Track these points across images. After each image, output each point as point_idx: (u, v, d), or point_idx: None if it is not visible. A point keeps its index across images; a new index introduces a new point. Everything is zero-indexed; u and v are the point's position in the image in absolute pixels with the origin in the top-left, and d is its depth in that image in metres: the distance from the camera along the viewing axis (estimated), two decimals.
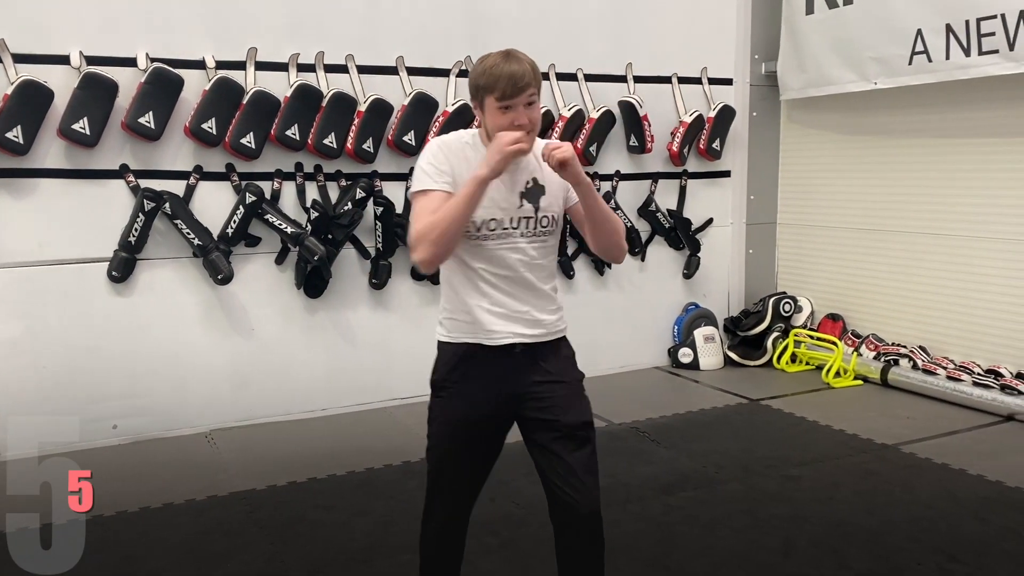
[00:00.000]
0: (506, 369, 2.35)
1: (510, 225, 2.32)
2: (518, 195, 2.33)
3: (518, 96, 2.21)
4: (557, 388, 2.37)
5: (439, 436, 2.43)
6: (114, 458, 4.36)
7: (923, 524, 3.43)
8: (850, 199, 5.87)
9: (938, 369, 5.15)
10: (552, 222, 2.37)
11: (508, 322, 2.34)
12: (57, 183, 4.35)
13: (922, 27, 4.94)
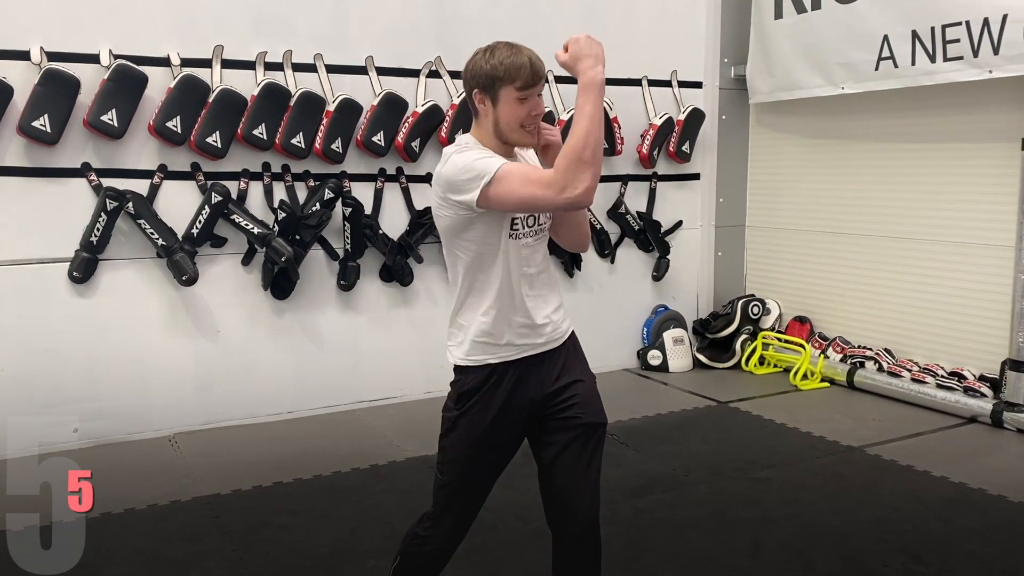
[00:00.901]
0: (532, 375, 2.28)
1: (524, 225, 2.26)
2: None
3: (537, 85, 2.20)
4: (580, 387, 2.32)
5: (460, 456, 2.31)
6: (74, 462, 4.26)
7: (889, 525, 3.46)
8: (818, 202, 5.92)
9: (903, 371, 5.21)
10: (548, 218, 2.32)
11: (534, 324, 2.27)
12: (16, 181, 4.25)
13: (888, 33, 5.00)
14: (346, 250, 4.95)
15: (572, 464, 2.30)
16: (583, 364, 2.38)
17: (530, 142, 2.25)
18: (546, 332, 2.30)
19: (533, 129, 2.23)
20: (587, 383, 2.35)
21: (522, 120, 2.21)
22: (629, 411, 5.01)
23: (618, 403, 5.19)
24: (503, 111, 2.21)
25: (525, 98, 2.20)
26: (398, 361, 5.20)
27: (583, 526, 2.32)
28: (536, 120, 2.22)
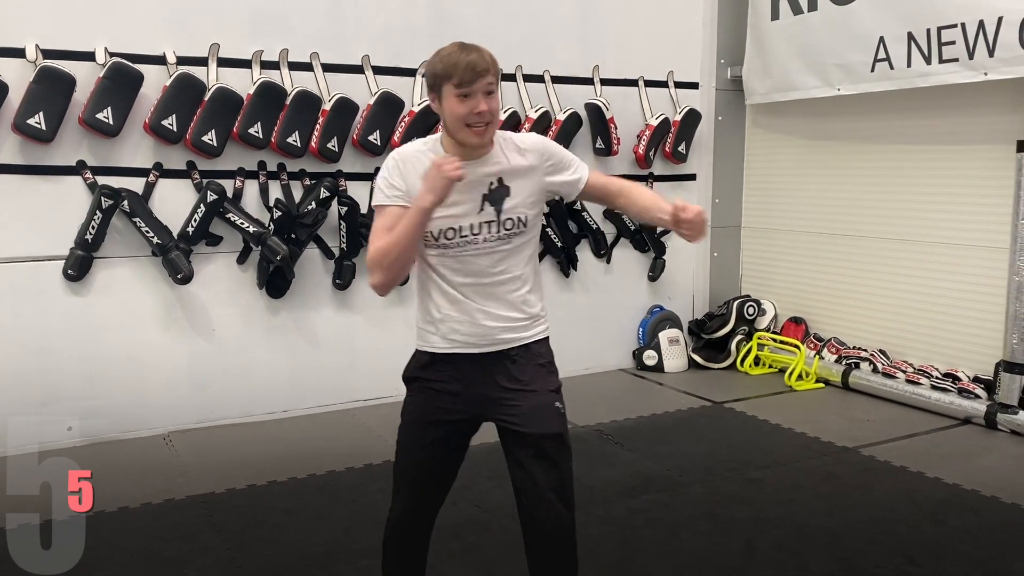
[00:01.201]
0: (473, 374, 2.31)
1: (470, 232, 2.26)
2: (480, 197, 2.25)
3: (477, 82, 2.16)
4: (527, 397, 2.31)
5: (402, 433, 2.41)
6: (71, 457, 4.26)
7: (882, 526, 3.47)
8: (813, 203, 5.93)
9: (898, 373, 5.22)
10: (518, 224, 2.28)
11: (474, 329, 2.30)
12: (11, 179, 4.24)
13: (884, 35, 5.01)
14: (342, 249, 4.95)
15: (523, 476, 2.31)
16: (541, 372, 2.36)
17: (475, 141, 2.21)
18: (491, 335, 2.30)
19: (480, 128, 2.19)
20: (537, 393, 2.32)
21: (464, 118, 2.18)
22: (624, 411, 5.01)
23: (613, 403, 5.21)
24: (447, 109, 2.22)
25: (466, 95, 2.17)
26: (393, 360, 5.08)
27: (546, 535, 2.33)
28: (481, 118, 2.18)
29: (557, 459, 2.33)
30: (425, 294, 2.36)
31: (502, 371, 2.32)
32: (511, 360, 2.32)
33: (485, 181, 2.26)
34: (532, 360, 2.35)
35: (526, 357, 2.34)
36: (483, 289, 2.29)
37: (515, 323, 2.33)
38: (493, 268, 2.29)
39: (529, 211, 2.31)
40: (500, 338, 2.31)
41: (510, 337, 2.32)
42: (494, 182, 2.27)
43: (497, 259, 2.29)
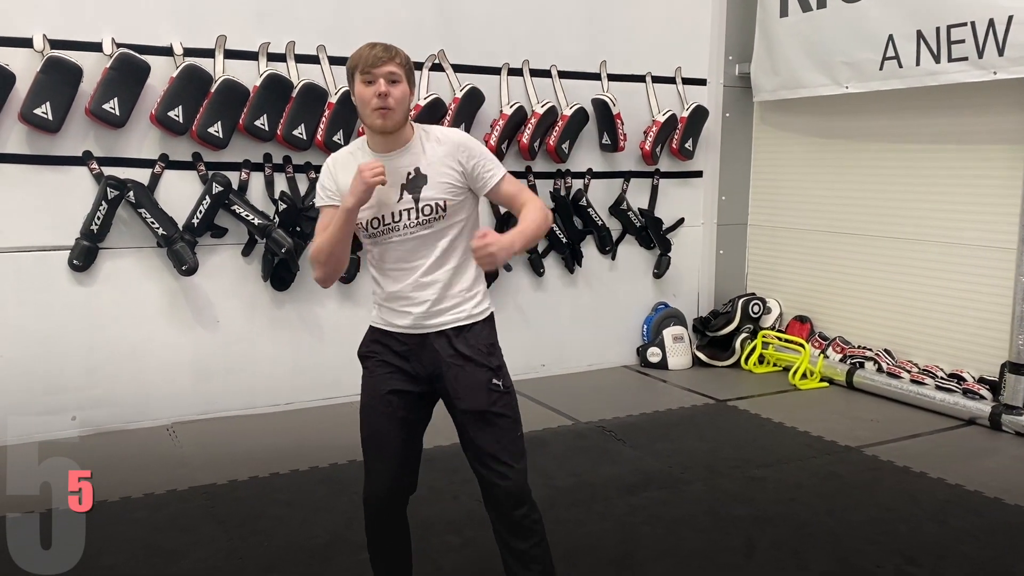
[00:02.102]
0: (414, 350, 2.49)
1: (392, 220, 2.43)
2: (399, 187, 2.42)
3: (378, 68, 2.35)
4: (460, 372, 2.46)
5: (364, 408, 2.54)
6: (72, 450, 4.26)
7: (883, 526, 3.46)
8: (820, 202, 5.91)
9: (902, 373, 5.20)
10: (436, 209, 2.43)
11: (405, 308, 2.47)
12: (18, 169, 4.25)
13: (893, 33, 4.98)
14: None
15: (468, 446, 2.51)
16: (476, 351, 2.48)
17: (379, 123, 2.37)
18: (418, 316, 2.46)
19: (383, 111, 2.35)
20: (464, 370, 2.46)
21: (368, 102, 2.36)
22: (627, 408, 5.01)
23: (616, 400, 5.20)
24: (357, 96, 2.41)
25: (370, 81, 2.36)
26: None
27: (504, 492, 2.47)
28: (382, 101, 2.34)
29: (500, 429, 2.48)
30: (371, 276, 2.58)
31: (442, 348, 2.47)
32: (448, 339, 2.47)
33: (403, 171, 2.43)
34: (466, 340, 2.48)
35: (461, 338, 2.48)
36: (408, 272, 2.46)
37: (446, 304, 2.47)
38: (418, 252, 2.45)
39: (448, 197, 2.44)
40: (433, 322, 2.47)
41: (443, 320, 2.47)
42: (411, 172, 2.43)
43: (419, 243, 2.45)
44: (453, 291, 2.48)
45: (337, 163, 2.52)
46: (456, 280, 2.49)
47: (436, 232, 2.45)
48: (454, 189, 2.46)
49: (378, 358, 2.52)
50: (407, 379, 2.49)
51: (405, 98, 2.39)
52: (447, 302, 2.47)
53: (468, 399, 2.45)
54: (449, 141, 2.48)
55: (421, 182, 2.43)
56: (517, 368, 5.49)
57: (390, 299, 2.50)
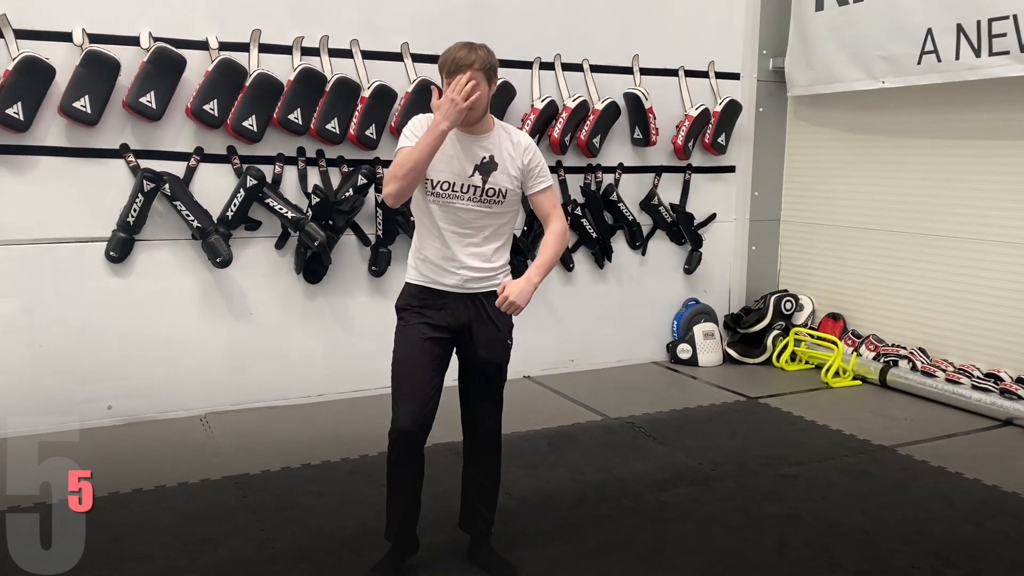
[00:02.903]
0: (449, 306, 2.87)
1: (459, 190, 2.81)
2: (472, 166, 2.80)
3: (459, 73, 2.69)
4: (485, 329, 2.90)
5: (399, 351, 2.89)
6: (108, 439, 4.35)
7: (917, 526, 3.41)
8: (855, 198, 5.84)
9: (937, 371, 5.13)
10: (499, 194, 2.83)
11: (453, 270, 2.85)
12: (57, 161, 4.32)
13: (932, 26, 4.90)
14: (378, 236, 4.98)
15: (478, 387, 2.97)
16: (500, 314, 2.86)
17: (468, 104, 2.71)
18: (464, 279, 2.86)
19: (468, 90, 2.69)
20: (491, 328, 2.90)
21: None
22: (657, 404, 4.99)
23: (645, 396, 5.19)
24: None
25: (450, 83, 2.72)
26: None
27: (486, 430, 3.01)
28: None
29: (502, 381, 3.00)
30: (418, 234, 2.92)
31: (471, 307, 2.88)
32: (478, 301, 2.89)
33: (479, 155, 2.81)
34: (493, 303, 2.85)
35: (490, 300, 2.87)
36: (460, 237, 2.84)
37: (482, 272, 2.88)
38: (473, 223, 2.84)
39: (508, 186, 2.84)
40: (475, 286, 2.88)
41: (477, 286, 2.88)
42: (486, 157, 2.81)
43: (475, 216, 2.84)
44: (494, 264, 2.90)
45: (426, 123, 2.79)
46: (496, 256, 2.91)
47: (491, 213, 2.85)
48: (515, 182, 2.86)
49: (415, 310, 2.88)
50: (439, 329, 2.86)
51: (485, 96, 2.75)
52: (488, 272, 2.88)
53: (489, 352, 2.91)
54: (521, 143, 2.88)
55: (492, 167, 2.81)
56: (546, 363, 5.60)
57: (438, 256, 2.85)
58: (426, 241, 2.88)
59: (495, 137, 2.83)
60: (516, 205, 2.92)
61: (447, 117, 2.66)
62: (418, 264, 2.91)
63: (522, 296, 2.76)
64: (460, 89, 2.65)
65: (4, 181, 4.22)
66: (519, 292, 2.76)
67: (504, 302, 2.75)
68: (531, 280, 2.79)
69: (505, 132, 2.87)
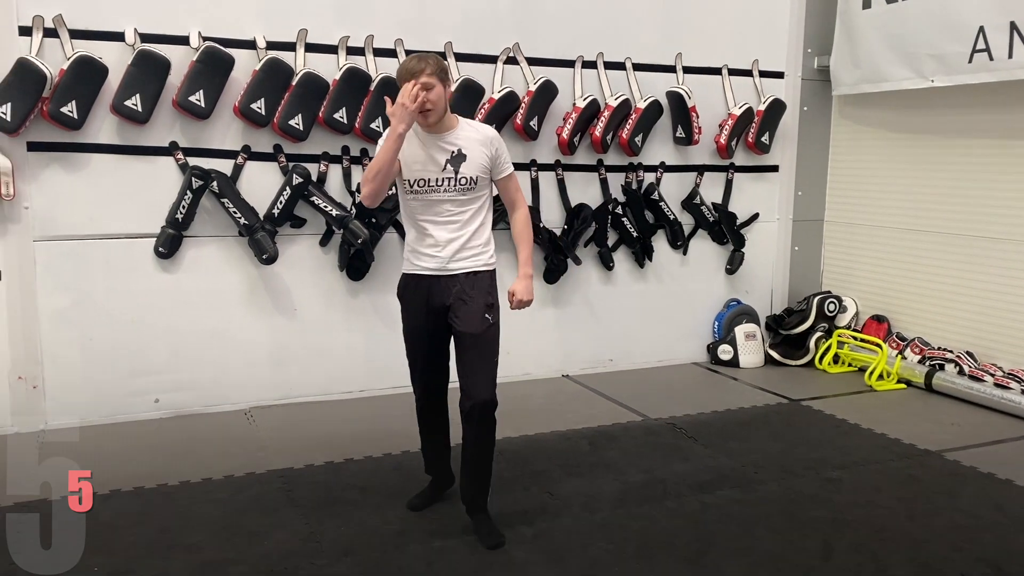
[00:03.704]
0: (435, 289, 3.23)
1: (435, 184, 3.16)
2: (444, 160, 3.15)
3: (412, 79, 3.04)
4: (465, 304, 3.20)
5: (405, 334, 3.38)
6: (155, 431, 4.43)
7: (967, 533, 3.36)
8: (901, 198, 5.75)
9: (985, 376, 5.03)
10: (471, 181, 3.18)
11: (433, 256, 3.19)
12: (109, 158, 4.41)
13: (984, 24, 4.81)
14: None
15: (464, 361, 3.23)
16: (480, 291, 3.21)
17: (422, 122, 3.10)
18: (447, 260, 3.19)
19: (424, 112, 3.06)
20: (468, 304, 3.20)
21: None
22: (698, 405, 4.96)
23: (686, 397, 5.16)
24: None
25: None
26: None
27: (473, 402, 3.18)
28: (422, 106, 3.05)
29: (484, 351, 3.21)
30: (407, 229, 3.30)
31: (454, 287, 3.21)
32: (459, 280, 3.21)
33: (449, 149, 3.16)
34: (475, 283, 3.22)
35: (470, 280, 3.22)
36: (442, 226, 3.19)
37: (465, 254, 3.20)
38: (450, 210, 3.19)
39: (478, 174, 3.18)
40: (453, 266, 3.20)
41: (461, 265, 3.21)
42: (455, 151, 3.16)
43: (452, 205, 3.18)
44: (471, 245, 3.22)
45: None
46: (474, 238, 3.22)
47: (465, 199, 3.19)
48: (484, 169, 3.21)
49: (410, 295, 3.29)
50: (430, 309, 3.24)
51: (440, 98, 3.08)
52: (465, 252, 3.21)
53: (467, 324, 3.19)
54: (485, 134, 3.24)
55: (462, 159, 3.16)
56: (584, 362, 5.59)
57: (422, 245, 3.21)
58: (413, 234, 3.26)
59: (460, 132, 3.19)
60: (487, 189, 3.26)
61: (401, 121, 3.02)
62: (408, 255, 3.30)
63: (527, 292, 3.26)
64: (408, 94, 3.00)
65: (58, 178, 4.32)
66: (523, 289, 3.26)
67: (515, 304, 3.26)
68: (528, 275, 3.29)
69: (470, 127, 3.24)
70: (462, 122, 3.25)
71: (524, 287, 3.26)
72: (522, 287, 3.25)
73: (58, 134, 4.26)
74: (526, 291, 3.25)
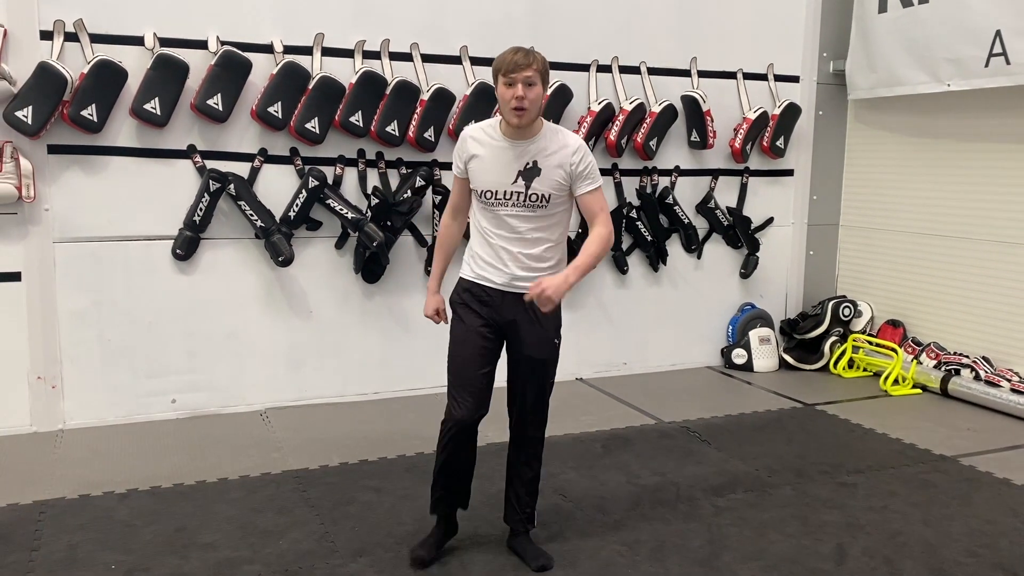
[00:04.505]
0: (495, 302, 2.97)
1: (503, 196, 2.90)
2: (516, 172, 2.87)
3: (517, 73, 2.78)
4: (535, 327, 2.96)
5: (454, 343, 3.02)
6: (172, 431, 4.47)
7: (982, 539, 3.34)
8: (916, 203, 5.73)
9: (1002, 381, 5.00)
10: (542, 199, 2.88)
11: (499, 268, 2.94)
12: (128, 161, 4.45)
13: (1001, 28, 4.79)
14: (435, 237, 5.02)
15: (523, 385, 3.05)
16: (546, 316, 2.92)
17: (515, 121, 2.82)
18: (512, 278, 2.94)
19: (520, 111, 2.79)
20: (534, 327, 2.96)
21: (507, 102, 2.81)
22: (712, 409, 4.96)
23: (700, 400, 5.16)
24: (499, 94, 2.86)
25: (509, 84, 2.79)
26: None
27: (527, 437, 3.10)
28: (519, 103, 2.78)
29: (545, 379, 3.05)
30: (472, 232, 3.05)
31: (517, 306, 2.94)
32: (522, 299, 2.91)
33: (524, 160, 2.87)
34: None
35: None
36: (509, 241, 2.93)
37: (532, 272, 2.92)
38: (518, 228, 2.91)
39: (553, 191, 2.88)
40: (522, 284, 2.91)
41: (526, 284, 2.89)
42: (530, 163, 2.87)
43: (521, 221, 2.91)
44: (542, 264, 2.95)
45: (465, 139, 2.99)
46: (545, 256, 2.96)
47: (537, 215, 2.90)
48: (559, 186, 2.89)
49: (468, 306, 3.00)
50: (489, 324, 2.97)
51: (538, 99, 2.82)
52: (535, 272, 2.92)
53: (535, 348, 2.98)
54: (570, 146, 2.89)
55: (535, 173, 2.86)
56: (598, 365, 5.60)
57: (486, 254, 2.95)
58: (477, 240, 3.00)
59: (541, 141, 2.88)
60: (565, 205, 2.96)
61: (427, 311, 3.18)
62: (470, 260, 3.03)
63: (557, 291, 2.77)
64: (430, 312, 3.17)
65: (77, 180, 4.37)
66: (555, 288, 2.77)
67: (537, 293, 2.76)
68: (568, 278, 2.82)
69: (554, 134, 2.91)
70: (547, 128, 2.92)
71: (557, 286, 2.77)
72: (555, 285, 2.77)
73: (78, 137, 4.31)
74: (557, 291, 2.76)
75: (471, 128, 3.01)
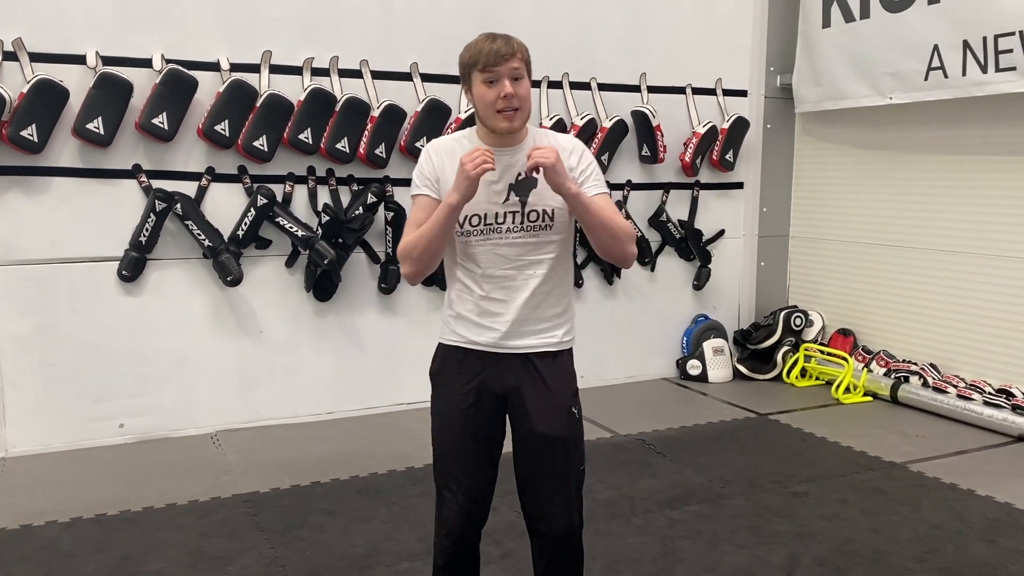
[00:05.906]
0: (491, 371, 2.29)
1: (494, 220, 2.23)
2: (506, 187, 2.23)
3: (501, 66, 2.17)
4: (540, 396, 2.28)
5: (437, 430, 2.37)
6: (120, 456, 4.37)
7: (930, 544, 3.39)
8: (864, 214, 5.84)
9: (949, 387, 5.10)
10: (543, 217, 2.23)
11: (489, 327, 2.27)
12: (70, 182, 4.37)
13: (939, 43, 4.92)
14: (388, 254, 5.00)
15: (538, 474, 2.31)
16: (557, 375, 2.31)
17: (506, 127, 2.20)
18: (508, 335, 2.26)
19: (510, 113, 2.19)
20: (543, 395, 2.28)
21: (493, 103, 2.19)
22: (666, 421, 4.98)
23: (655, 412, 5.18)
24: (476, 98, 2.23)
25: (492, 80, 2.18)
26: None
27: (555, 535, 2.32)
28: (508, 103, 2.17)
29: (564, 462, 2.31)
30: (450, 285, 2.37)
31: (519, 369, 2.29)
32: (528, 361, 2.29)
33: (513, 171, 2.24)
34: (552, 366, 2.31)
35: (545, 362, 2.30)
36: (503, 282, 2.25)
37: (534, 326, 2.28)
38: (515, 261, 2.25)
39: (556, 205, 2.24)
40: (518, 343, 2.27)
41: (530, 343, 2.28)
42: (522, 173, 2.23)
43: (519, 252, 2.25)
44: (545, 313, 2.29)
45: (439, 152, 2.30)
46: (549, 302, 2.29)
47: (538, 244, 2.25)
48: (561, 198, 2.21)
49: (450, 377, 2.32)
50: (481, 395, 2.29)
51: (529, 95, 2.23)
52: (536, 324, 2.28)
53: (546, 421, 2.27)
54: (565, 146, 2.27)
55: (530, 185, 2.23)
56: None
57: (473, 311, 2.28)
58: (459, 293, 2.31)
59: (529, 145, 2.24)
60: (568, 229, 2.31)
61: (458, 189, 2.13)
62: (450, 321, 2.34)
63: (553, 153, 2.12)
64: (474, 159, 2.11)
65: (18, 202, 4.27)
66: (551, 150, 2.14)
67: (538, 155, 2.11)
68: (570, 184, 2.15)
69: (543, 138, 2.30)
70: (533, 132, 2.30)
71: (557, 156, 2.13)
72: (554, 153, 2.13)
73: (18, 158, 4.22)
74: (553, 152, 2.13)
75: (437, 143, 2.36)
